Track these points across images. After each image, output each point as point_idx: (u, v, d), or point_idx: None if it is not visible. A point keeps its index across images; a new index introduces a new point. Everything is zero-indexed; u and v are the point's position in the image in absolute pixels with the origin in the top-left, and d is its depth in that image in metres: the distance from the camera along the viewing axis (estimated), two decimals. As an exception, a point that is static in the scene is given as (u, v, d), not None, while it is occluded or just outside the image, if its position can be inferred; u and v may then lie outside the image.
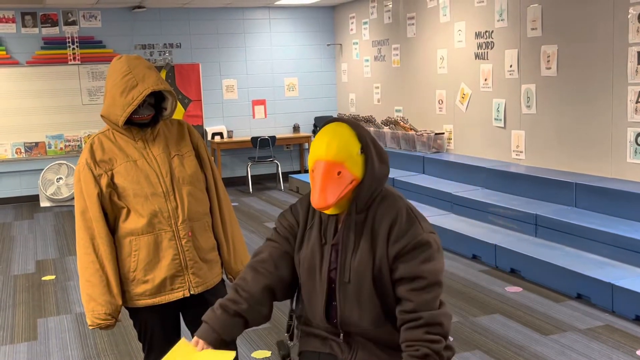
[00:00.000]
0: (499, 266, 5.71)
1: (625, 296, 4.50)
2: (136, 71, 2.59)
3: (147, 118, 2.65)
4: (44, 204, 9.65)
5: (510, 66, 7.11)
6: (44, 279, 6.06)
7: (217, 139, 10.53)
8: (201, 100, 10.60)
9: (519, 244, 5.67)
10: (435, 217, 6.81)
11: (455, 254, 6.21)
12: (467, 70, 7.84)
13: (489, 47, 7.43)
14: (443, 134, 8.39)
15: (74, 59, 9.91)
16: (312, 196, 1.96)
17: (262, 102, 11.03)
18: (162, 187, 2.64)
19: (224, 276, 2.89)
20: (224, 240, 2.84)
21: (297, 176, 10.06)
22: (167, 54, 10.41)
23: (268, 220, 8.09)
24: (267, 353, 4.19)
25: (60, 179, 9.65)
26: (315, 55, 11.26)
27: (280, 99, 11.12)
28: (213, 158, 10.30)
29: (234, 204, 9.19)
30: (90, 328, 2.63)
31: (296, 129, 11.11)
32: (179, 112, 10.31)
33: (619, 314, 4.56)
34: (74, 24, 9.90)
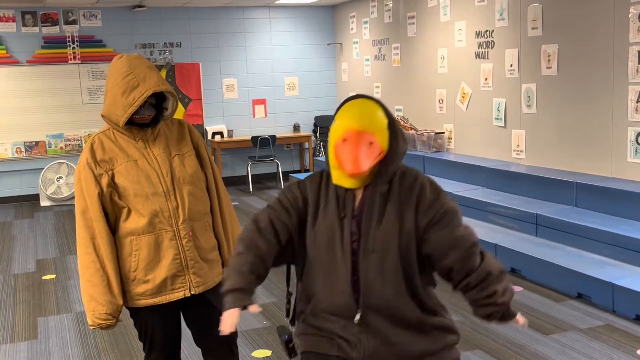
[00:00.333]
0: (499, 266, 5.71)
1: (626, 296, 4.51)
2: (137, 71, 2.58)
3: (148, 118, 2.65)
4: (44, 203, 9.65)
5: (511, 65, 7.11)
6: (44, 278, 6.06)
7: (218, 138, 10.52)
8: (201, 100, 10.59)
9: (519, 244, 5.67)
10: (436, 216, 6.80)
11: (455, 253, 6.20)
12: (468, 70, 7.83)
13: (490, 46, 7.43)
14: (443, 133, 8.38)
15: (74, 58, 9.91)
16: (345, 164, 2.01)
17: (262, 102, 11.02)
18: (163, 187, 2.63)
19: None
20: (224, 239, 2.84)
21: (298, 175, 10.05)
22: (167, 53, 10.41)
23: (268, 220, 8.08)
24: (267, 352, 4.19)
25: (61, 178, 9.65)
26: (316, 55, 11.26)
27: (281, 99, 11.12)
28: (213, 157, 10.30)
29: (234, 203, 9.19)
30: (91, 328, 2.63)
31: (296, 128, 11.11)
32: (179, 111, 10.30)
33: (619, 314, 4.56)
34: (74, 23, 9.90)
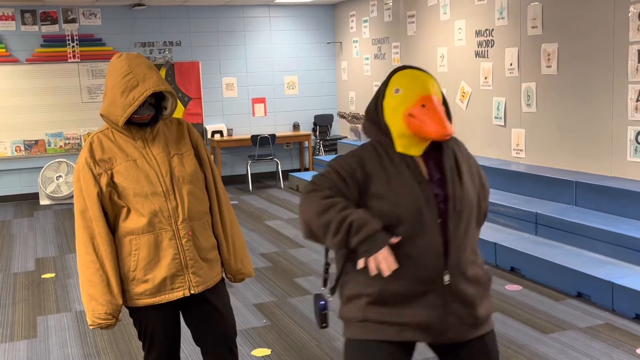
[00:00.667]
0: (499, 264, 5.71)
1: (626, 295, 4.50)
2: (137, 71, 2.58)
3: (147, 118, 2.64)
4: (43, 202, 9.65)
5: (511, 64, 7.11)
6: (43, 276, 6.06)
7: (217, 137, 10.51)
8: (201, 99, 10.59)
9: (519, 243, 5.67)
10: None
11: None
12: (468, 69, 7.83)
13: (489, 45, 7.42)
14: (443, 132, 8.37)
15: (74, 56, 9.90)
16: (431, 127, 2.02)
17: (262, 100, 11.02)
18: (162, 187, 2.63)
19: (224, 275, 2.89)
20: (223, 239, 2.83)
21: (297, 174, 10.04)
22: (167, 52, 10.40)
23: (268, 219, 8.08)
24: (267, 351, 4.18)
25: (60, 176, 9.65)
26: (316, 54, 11.25)
27: (280, 97, 11.11)
28: (213, 157, 10.30)
29: (233, 202, 9.19)
30: (91, 328, 2.62)
31: (296, 127, 11.10)
32: (178, 110, 10.30)
33: (619, 313, 4.56)
34: (73, 21, 9.89)
